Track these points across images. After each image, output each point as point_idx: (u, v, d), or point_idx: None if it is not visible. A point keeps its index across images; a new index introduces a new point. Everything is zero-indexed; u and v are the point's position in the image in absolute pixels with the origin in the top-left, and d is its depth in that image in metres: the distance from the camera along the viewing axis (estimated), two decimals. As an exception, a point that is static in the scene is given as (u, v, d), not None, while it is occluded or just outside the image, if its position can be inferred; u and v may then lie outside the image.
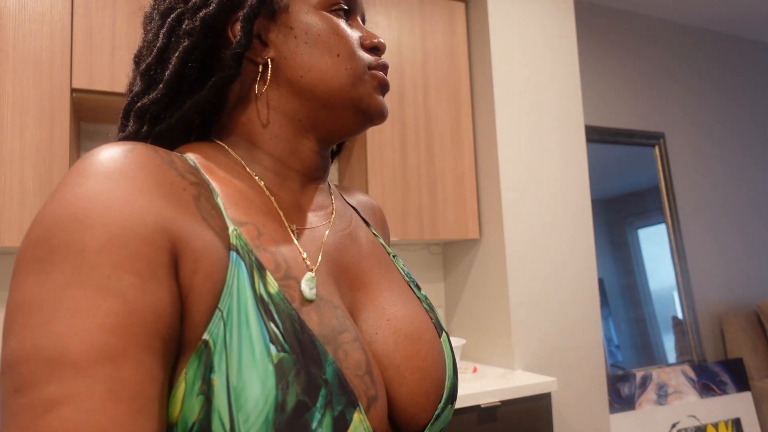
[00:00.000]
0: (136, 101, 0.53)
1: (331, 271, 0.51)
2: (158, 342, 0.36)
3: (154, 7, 0.56)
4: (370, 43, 0.56)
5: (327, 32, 0.53)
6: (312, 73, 0.52)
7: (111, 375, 0.33)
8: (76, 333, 0.34)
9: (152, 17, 0.55)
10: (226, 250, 0.43)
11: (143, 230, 0.38)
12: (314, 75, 0.52)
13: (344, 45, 0.54)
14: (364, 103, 0.54)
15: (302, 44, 0.53)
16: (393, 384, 0.48)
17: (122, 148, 0.42)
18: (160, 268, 0.38)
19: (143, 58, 0.54)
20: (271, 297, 0.42)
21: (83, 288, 0.35)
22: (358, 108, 0.54)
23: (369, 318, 0.51)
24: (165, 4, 0.54)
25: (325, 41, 0.53)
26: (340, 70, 0.53)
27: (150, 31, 0.55)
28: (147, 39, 0.55)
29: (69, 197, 0.38)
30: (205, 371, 0.38)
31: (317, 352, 0.42)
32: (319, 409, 0.39)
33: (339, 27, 0.54)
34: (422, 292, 0.60)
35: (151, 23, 0.55)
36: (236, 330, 0.39)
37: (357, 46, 0.55)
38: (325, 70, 0.53)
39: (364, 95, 0.54)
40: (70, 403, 0.32)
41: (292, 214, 0.52)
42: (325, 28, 0.53)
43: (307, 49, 0.53)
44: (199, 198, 0.44)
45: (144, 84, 0.53)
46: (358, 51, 0.54)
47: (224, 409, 0.37)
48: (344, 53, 0.53)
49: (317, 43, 0.53)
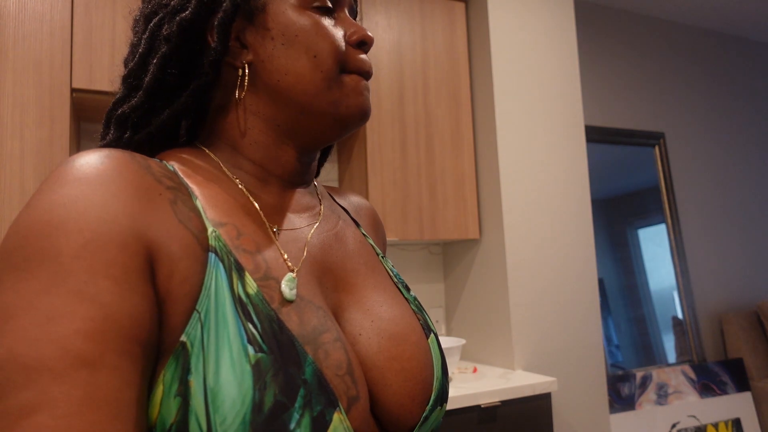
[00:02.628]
0: (117, 107, 0.52)
1: (314, 272, 0.50)
2: (135, 347, 0.36)
3: (141, 10, 0.55)
4: (355, 39, 0.53)
5: (304, 32, 0.51)
6: (289, 77, 0.50)
7: (87, 380, 0.33)
8: (52, 339, 0.33)
9: (138, 21, 0.55)
10: (205, 251, 0.42)
11: (118, 235, 0.38)
12: (291, 79, 0.50)
13: (322, 45, 0.51)
14: (341, 107, 0.52)
15: (279, 46, 0.51)
16: (377, 385, 0.48)
17: (99, 154, 0.42)
18: (136, 273, 0.38)
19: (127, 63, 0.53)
20: (250, 297, 0.42)
21: (59, 294, 0.35)
22: (337, 112, 0.52)
23: (353, 319, 0.50)
24: (149, 8, 0.53)
25: (302, 42, 0.50)
26: (316, 73, 0.50)
27: (135, 35, 0.54)
28: (132, 43, 0.54)
29: (44, 204, 0.38)
30: (183, 373, 0.38)
31: (296, 352, 0.41)
32: (298, 409, 0.39)
33: (318, 25, 0.51)
34: (411, 293, 0.59)
35: (137, 27, 0.55)
36: (213, 331, 0.39)
37: (340, 44, 0.52)
38: (302, 73, 0.50)
39: (341, 98, 0.52)
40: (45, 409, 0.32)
41: (273, 216, 0.51)
42: (302, 28, 0.51)
43: (284, 51, 0.50)
44: (175, 202, 0.44)
45: (125, 90, 0.52)
46: (339, 50, 0.52)
47: (201, 411, 0.37)
48: (321, 54, 0.51)
49: (294, 44, 0.50)
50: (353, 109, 0.52)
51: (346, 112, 0.52)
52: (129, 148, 0.53)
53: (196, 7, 0.50)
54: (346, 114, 0.52)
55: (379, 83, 2.02)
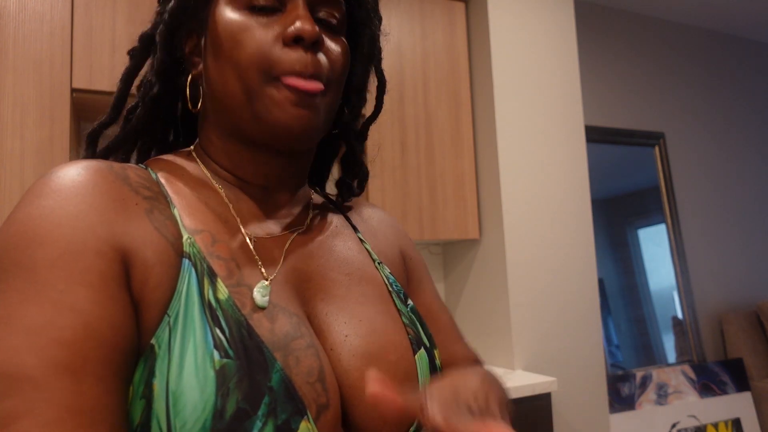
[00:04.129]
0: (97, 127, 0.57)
1: (292, 280, 0.49)
2: (116, 354, 0.36)
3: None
4: (289, 35, 0.46)
5: (228, 38, 0.47)
6: (218, 88, 0.48)
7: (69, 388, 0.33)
8: (32, 349, 0.34)
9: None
10: (179, 257, 0.43)
11: (94, 244, 0.39)
12: (220, 90, 0.48)
13: (242, 52, 0.46)
14: (264, 120, 0.46)
15: (211, 57, 0.49)
16: (348, 403, 0.46)
17: (77, 167, 0.42)
18: (113, 280, 0.38)
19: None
20: (220, 303, 0.42)
21: (37, 304, 0.35)
22: (261, 126, 0.47)
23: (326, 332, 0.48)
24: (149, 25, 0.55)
25: (226, 50, 0.47)
26: (237, 84, 0.47)
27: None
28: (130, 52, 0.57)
29: (20, 217, 0.39)
30: (148, 375, 0.38)
31: (264, 358, 0.41)
32: (261, 417, 0.38)
33: (241, 27, 0.47)
34: (409, 303, 0.56)
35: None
36: (180, 335, 0.39)
37: (265, 47, 0.46)
38: (225, 83, 0.47)
39: (262, 110, 0.46)
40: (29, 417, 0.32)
41: (251, 224, 0.51)
42: (226, 34, 0.47)
43: (214, 62, 0.48)
44: (152, 210, 0.44)
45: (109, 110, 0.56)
46: (262, 56, 0.46)
47: (162, 414, 0.37)
48: (241, 62, 0.46)
49: (220, 53, 0.48)
50: (276, 127, 0.46)
51: (271, 126, 0.46)
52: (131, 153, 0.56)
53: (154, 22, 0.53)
54: (272, 128, 0.47)
55: (379, 83, 2.02)
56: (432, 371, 0.51)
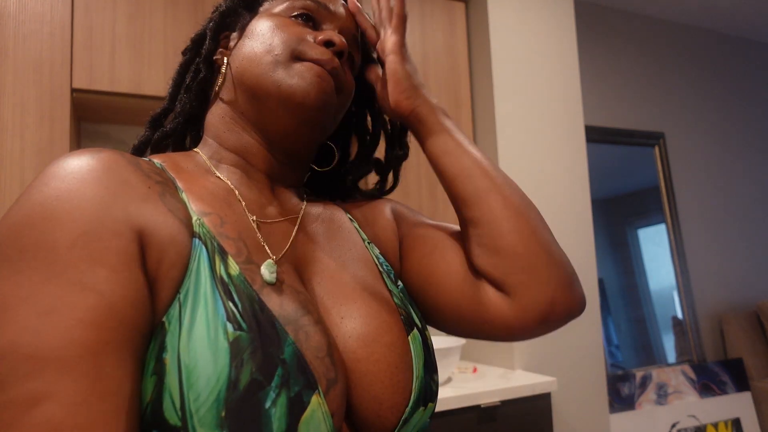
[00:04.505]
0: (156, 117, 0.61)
1: (292, 262, 0.51)
2: (136, 335, 0.37)
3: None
4: (322, 39, 0.55)
5: (269, 28, 0.55)
6: (244, 62, 0.55)
7: (92, 370, 0.33)
8: (55, 329, 0.33)
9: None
10: (190, 237, 0.43)
11: (112, 224, 0.39)
12: (245, 63, 0.55)
13: (280, 36, 0.54)
14: (284, 86, 0.52)
15: (246, 40, 0.56)
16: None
17: (89, 153, 0.43)
18: (132, 260, 0.38)
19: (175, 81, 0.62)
20: (232, 278, 0.43)
21: (58, 284, 0.35)
22: (279, 92, 0.52)
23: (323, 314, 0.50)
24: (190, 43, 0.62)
25: (263, 33, 0.55)
26: (266, 57, 0.54)
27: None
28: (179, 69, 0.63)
29: (37, 197, 0.39)
30: (159, 351, 0.38)
31: (276, 332, 0.41)
32: (274, 388, 0.39)
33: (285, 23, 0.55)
34: (399, 284, 0.58)
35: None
36: (190, 309, 0.39)
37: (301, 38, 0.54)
38: (253, 57, 0.54)
39: (284, 78, 0.52)
40: (53, 399, 0.32)
41: (255, 209, 0.53)
42: (267, 26, 0.56)
43: (248, 42, 0.56)
44: (164, 194, 0.45)
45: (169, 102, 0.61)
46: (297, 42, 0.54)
47: (175, 388, 0.37)
48: (275, 42, 0.54)
49: (256, 36, 0.55)
50: (294, 88, 0.52)
51: (287, 91, 0.52)
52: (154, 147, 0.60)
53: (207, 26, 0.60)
54: (288, 93, 0.52)
55: (379, 83, 2.02)
56: (425, 351, 0.52)
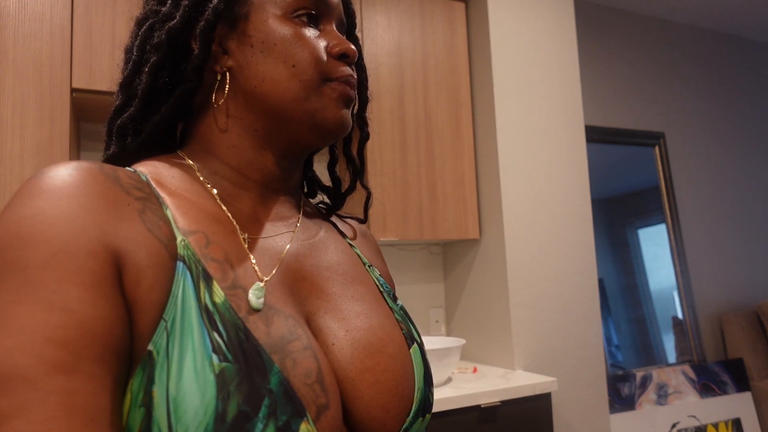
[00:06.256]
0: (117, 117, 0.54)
1: (287, 280, 0.50)
2: (109, 353, 0.36)
3: (137, 15, 0.56)
4: (337, 51, 0.53)
5: (284, 41, 0.51)
6: (265, 84, 0.51)
7: (63, 387, 0.33)
8: (25, 348, 0.34)
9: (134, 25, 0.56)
10: (173, 260, 0.43)
11: (86, 244, 0.38)
12: (267, 86, 0.51)
13: (301, 55, 0.51)
14: (318, 116, 0.51)
15: (258, 54, 0.51)
16: (349, 397, 0.47)
17: (67, 167, 0.42)
18: (105, 280, 0.38)
19: (123, 70, 0.54)
20: (216, 307, 0.42)
21: (29, 304, 0.35)
22: (313, 122, 0.52)
23: (326, 328, 0.50)
24: (142, 14, 0.54)
25: (281, 51, 0.51)
26: (293, 82, 0.51)
27: (130, 39, 0.55)
28: (126, 48, 0.55)
29: (12, 217, 0.39)
30: (147, 383, 0.38)
31: (262, 361, 0.41)
32: (262, 419, 0.39)
33: (298, 35, 0.52)
34: (398, 303, 0.59)
35: (132, 31, 0.56)
36: (178, 340, 0.39)
37: (321, 54, 0.52)
38: (278, 80, 0.51)
39: (319, 108, 0.51)
40: (21, 416, 0.32)
41: (247, 224, 0.51)
42: (282, 37, 0.51)
43: (262, 58, 0.51)
44: (144, 211, 0.44)
45: (123, 98, 0.53)
46: (320, 61, 0.52)
47: (163, 421, 0.37)
48: (300, 64, 0.51)
49: (272, 52, 0.51)
50: (329, 121, 0.52)
51: (322, 123, 0.52)
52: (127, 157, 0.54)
53: (183, 15, 0.51)
54: (323, 125, 0.52)
55: (379, 83, 2.02)
56: (424, 364, 0.53)
